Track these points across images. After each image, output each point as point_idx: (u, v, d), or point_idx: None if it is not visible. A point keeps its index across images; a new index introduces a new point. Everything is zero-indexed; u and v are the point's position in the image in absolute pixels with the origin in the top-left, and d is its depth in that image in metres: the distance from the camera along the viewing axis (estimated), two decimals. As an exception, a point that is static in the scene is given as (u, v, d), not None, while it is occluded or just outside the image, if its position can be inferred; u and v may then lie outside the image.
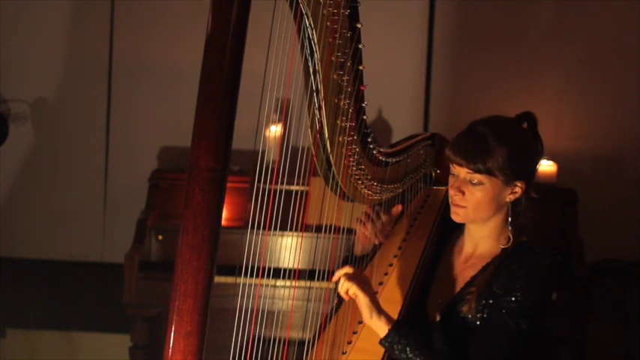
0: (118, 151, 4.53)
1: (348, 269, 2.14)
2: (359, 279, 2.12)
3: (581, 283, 3.65)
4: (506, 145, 2.16)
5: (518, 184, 2.20)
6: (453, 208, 2.24)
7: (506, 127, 2.22)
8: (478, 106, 4.32)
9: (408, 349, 2.10)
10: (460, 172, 2.19)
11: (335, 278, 2.15)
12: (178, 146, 4.48)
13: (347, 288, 2.11)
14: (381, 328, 2.12)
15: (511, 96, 4.37)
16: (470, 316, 2.18)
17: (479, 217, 2.22)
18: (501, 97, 4.37)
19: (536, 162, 2.27)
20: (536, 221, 2.29)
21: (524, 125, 2.28)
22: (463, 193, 2.20)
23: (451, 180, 2.23)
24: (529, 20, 4.43)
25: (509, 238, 2.23)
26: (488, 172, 2.16)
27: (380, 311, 2.12)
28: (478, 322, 2.18)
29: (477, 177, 2.17)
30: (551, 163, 4.12)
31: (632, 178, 4.34)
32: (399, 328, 2.11)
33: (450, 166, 2.23)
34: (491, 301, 2.16)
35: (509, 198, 2.21)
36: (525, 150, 2.22)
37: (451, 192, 2.22)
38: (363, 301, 2.11)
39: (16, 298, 4.49)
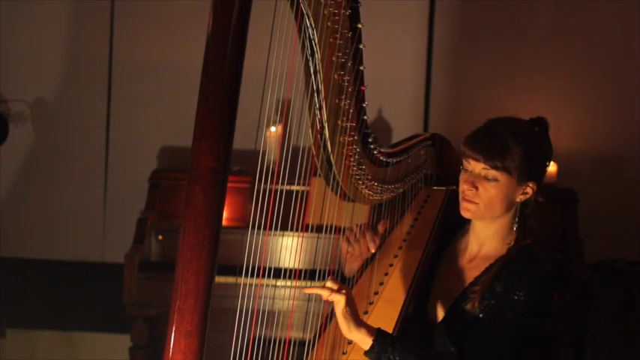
0: (118, 151, 4.53)
1: (326, 288, 2.07)
2: (339, 292, 2.05)
3: (581, 283, 3.65)
4: (523, 144, 2.17)
5: (530, 185, 2.21)
6: (463, 204, 2.22)
7: (522, 128, 2.24)
8: (478, 106, 4.32)
9: (397, 356, 2.07)
10: (476, 167, 2.19)
11: (307, 290, 2.09)
12: (178, 146, 4.48)
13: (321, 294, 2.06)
14: (363, 340, 2.07)
15: (511, 96, 4.37)
16: (472, 314, 2.18)
17: (489, 214, 2.22)
18: (501, 97, 4.37)
19: (547, 165, 2.28)
20: (536, 221, 2.29)
21: (537, 129, 2.29)
22: (477, 188, 2.19)
23: (464, 176, 2.22)
24: (529, 20, 4.43)
25: (514, 240, 2.23)
26: (505, 170, 2.16)
27: (359, 323, 2.06)
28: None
29: (493, 173, 2.17)
30: (551, 163, 4.11)
31: (632, 178, 4.34)
32: (384, 337, 2.07)
33: (464, 161, 2.22)
34: (493, 301, 2.16)
35: (520, 198, 2.22)
36: (539, 152, 2.24)
37: (464, 187, 2.21)
38: (337, 314, 2.05)
39: (16, 298, 4.49)
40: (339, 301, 2.04)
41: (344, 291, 2.05)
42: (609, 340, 3.94)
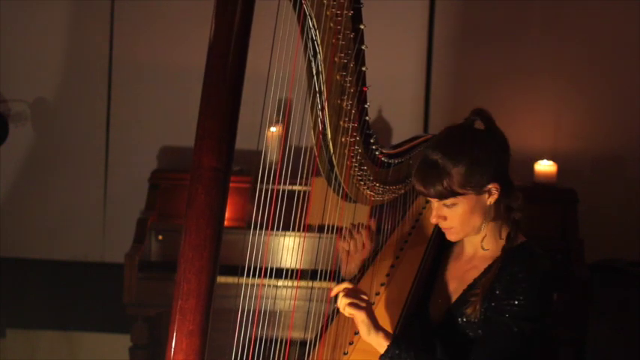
0: (118, 151, 4.53)
1: (346, 285, 2.11)
2: (354, 296, 2.09)
3: (581, 283, 3.65)
4: (458, 161, 2.14)
5: (492, 187, 2.18)
6: (445, 232, 2.25)
7: (454, 143, 2.19)
8: (478, 106, 4.30)
9: None
10: (432, 201, 2.21)
11: (333, 294, 2.13)
12: (178, 146, 4.48)
13: (344, 307, 2.09)
14: (380, 343, 2.09)
15: (511, 96, 4.37)
16: (474, 318, 2.18)
17: (471, 229, 2.23)
18: (501, 97, 4.37)
19: (501, 157, 2.22)
20: (536, 221, 2.28)
21: (479, 124, 2.24)
22: (444, 218, 2.20)
23: (431, 208, 2.24)
24: (529, 20, 4.44)
25: (508, 234, 2.22)
26: (453, 194, 2.15)
27: (377, 327, 2.10)
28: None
29: (447, 201, 2.17)
30: (551, 163, 4.12)
31: (632, 178, 4.34)
32: (399, 342, 2.09)
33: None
34: (493, 304, 2.15)
35: (490, 201, 2.20)
36: (482, 155, 2.18)
37: (433, 221, 2.23)
38: (359, 318, 2.08)
39: (16, 298, 4.49)
40: (361, 314, 2.07)
41: (364, 304, 2.08)
42: (609, 340, 3.94)
